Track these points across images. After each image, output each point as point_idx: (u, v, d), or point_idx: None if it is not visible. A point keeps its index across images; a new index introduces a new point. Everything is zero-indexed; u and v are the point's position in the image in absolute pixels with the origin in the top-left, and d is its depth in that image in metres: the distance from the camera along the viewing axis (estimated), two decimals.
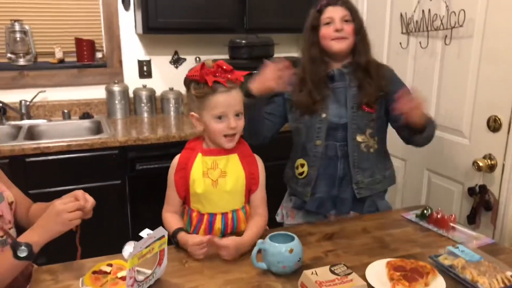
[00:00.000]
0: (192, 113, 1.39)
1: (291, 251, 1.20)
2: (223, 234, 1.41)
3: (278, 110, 1.73)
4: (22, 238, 1.14)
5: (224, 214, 1.41)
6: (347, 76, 1.64)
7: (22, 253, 1.10)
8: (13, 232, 1.33)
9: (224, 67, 1.33)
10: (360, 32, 1.62)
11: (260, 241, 1.23)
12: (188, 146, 1.45)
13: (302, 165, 1.69)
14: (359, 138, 1.63)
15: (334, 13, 1.59)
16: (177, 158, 1.44)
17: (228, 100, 1.33)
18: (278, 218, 1.85)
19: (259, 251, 1.23)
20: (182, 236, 1.34)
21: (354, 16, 1.61)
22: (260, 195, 1.46)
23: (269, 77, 1.49)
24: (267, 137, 1.71)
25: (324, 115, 1.63)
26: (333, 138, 1.64)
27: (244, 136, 1.48)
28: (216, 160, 1.39)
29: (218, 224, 1.40)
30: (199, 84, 1.33)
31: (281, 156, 1.87)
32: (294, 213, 1.80)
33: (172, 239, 1.36)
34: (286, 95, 1.70)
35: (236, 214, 1.43)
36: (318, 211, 1.70)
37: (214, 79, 1.31)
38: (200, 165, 1.39)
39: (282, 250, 1.19)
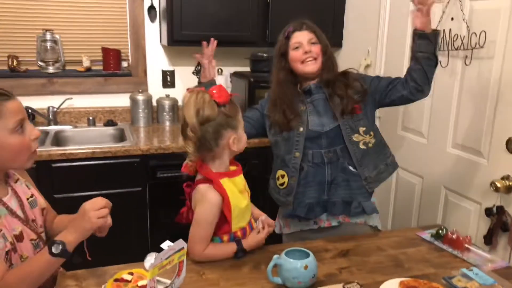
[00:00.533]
0: (234, 135, 1.38)
1: (306, 267, 1.23)
2: None
3: (257, 119, 1.86)
4: (57, 238, 1.20)
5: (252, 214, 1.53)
6: (324, 88, 1.77)
7: (57, 249, 1.16)
8: (43, 236, 1.39)
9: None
10: (326, 51, 1.76)
11: (276, 256, 1.27)
12: (212, 178, 1.38)
13: (283, 176, 1.79)
14: (355, 138, 1.74)
15: (301, 37, 1.74)
16: (219, 198, 1.36)
17: None
18: (276, 229, 1.90)
19: (275, 265, 1.26)
20: (246, 243, 1.43)
21: (320, 38, 1.76)
22: None
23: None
24: None
25: (301, 129, 1.74)
26: (318, 146, 1.74)
27: None
28: (242, 175, 1.49)
29: (253, 224, 1.51)
30: (226, 106, 1.36)
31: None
32: (289, 222, 1.87)
33: (238, 254, 1.41)
34: (265, 111, 1.84)
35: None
36: (308, 216, 1.77)
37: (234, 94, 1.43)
38: (232, 187, 1.40)
39: (297, 266, 1.23)
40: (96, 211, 1.20)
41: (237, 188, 1.42)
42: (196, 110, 1.31)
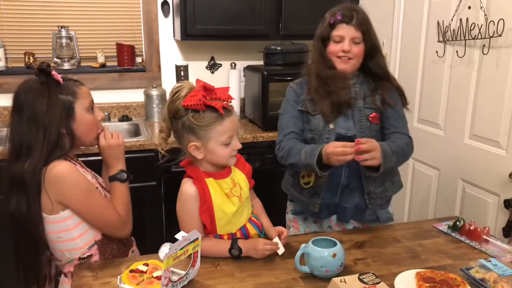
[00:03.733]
0: (194, 143, 1.31)
1: (334, 255, 1.23)
2: (262, 234, 1.47)
3: (301, 124, 1.69)
4: (111, 171, 1.48)
5: (250, 219, 1.45)
6: (353, 89, 1.64)
7: (122, 176, 1.47)
8: None
9: (208, 87, 1.29)
10: (370, 52, 1.62)
11: (303, 245, 1.26)
12: (195, 176, 1.36)
13: (309, 175, 1.67)
14: None
15: (346, 32, 1.59)
16: (193, 190, 1.34)
17: (233, 124, 1.33)
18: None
19: (302, 255, 1.26)
20: (244, 244, 1.35)
21: (366, 38, 1.60)
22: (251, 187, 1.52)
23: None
24: None
25: (331, 126, 1.62)
26: None
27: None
28: (232, 177, 1.40)
29: (252, 230, 1.43)
30: (199, 113, 1.27)
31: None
32: (298, 223, 1.80)
33: (232, 251, 1.34)
34: (300, 107, 1.68)
35: (254, 214, 1.49)
36: (319, 216, 1.69)
37: (222, 105, 1.27)
38: (218, 189, 1.35)
39: (325, 255, 1.23)
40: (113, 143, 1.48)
41: (222, 191, 1.36)
42: (169, 102, 1.32)
